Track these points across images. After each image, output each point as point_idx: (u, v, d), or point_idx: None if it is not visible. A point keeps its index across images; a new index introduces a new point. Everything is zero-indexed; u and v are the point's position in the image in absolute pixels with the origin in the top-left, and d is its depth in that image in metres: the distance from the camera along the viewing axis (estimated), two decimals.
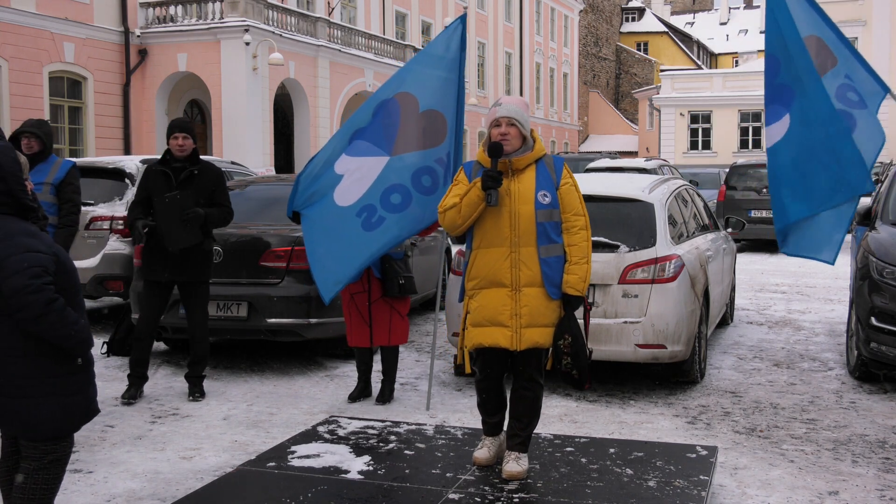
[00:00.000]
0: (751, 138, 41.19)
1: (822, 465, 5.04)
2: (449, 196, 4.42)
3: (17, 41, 21.56)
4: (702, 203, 8.56)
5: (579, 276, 4.28)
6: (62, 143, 23.16)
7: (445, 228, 4.51)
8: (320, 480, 4.31)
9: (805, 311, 10.34)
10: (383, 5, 36.39)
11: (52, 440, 3.36)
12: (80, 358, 3.37)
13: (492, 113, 4.39)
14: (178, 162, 6.33)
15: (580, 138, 61.35)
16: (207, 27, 24.96)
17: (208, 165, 6.48)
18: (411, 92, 6.01)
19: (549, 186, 4.32)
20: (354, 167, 5.92)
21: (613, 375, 7.07)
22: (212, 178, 6.39)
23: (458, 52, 6.12)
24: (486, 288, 4.34)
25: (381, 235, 5.82)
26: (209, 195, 6.33)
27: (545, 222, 4.28)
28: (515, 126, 4.32)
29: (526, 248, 4.27)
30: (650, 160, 21.30)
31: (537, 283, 4.28)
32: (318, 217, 5.92)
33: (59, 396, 3.33)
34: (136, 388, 6.38)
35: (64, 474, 3.47)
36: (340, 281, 5.86)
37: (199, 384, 6.52)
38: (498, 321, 4.30)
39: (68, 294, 3.33)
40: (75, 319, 3.29)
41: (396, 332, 6.29)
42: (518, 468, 4.30)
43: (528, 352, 4.33)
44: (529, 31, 51.88)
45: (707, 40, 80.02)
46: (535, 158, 4.38)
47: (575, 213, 4.36)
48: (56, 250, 3.34)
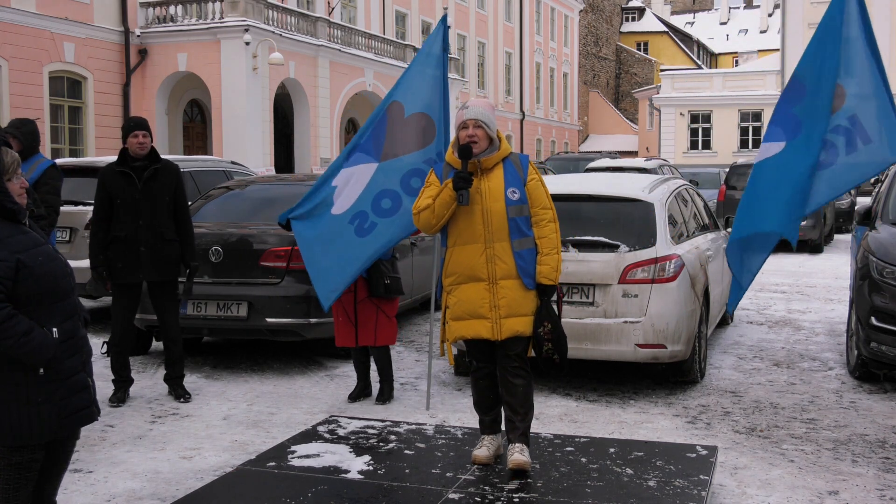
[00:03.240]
0: (751, 138, 41.22)
1: (822, 465, 5.04)
2: (422, 198, 4.60)
3: (17, 41, 21.55)
4: (702, 203, 8.56)
5: (552, 266, 4.48)
6: (62, 143, 23.18)
7: (421, 229, 4.69)
8: (320, 480, 4.31)
9: (805, 311, 10.33)
10: (383, 5, 36.39)
11: (11, 448, 3.25)
12: (41, 368, 3.22)
13: (459, 116, 4.56)
14: (137, 161, 6.26)
15: (580, 138, 61.35)
16: (207, 27, 24.95)
17: (168, 163, 6.42)
18: (398, 100, 6.19)
19: (517, 183, 4.50)
20: (346, 176, 6.08)
21: (613, 375, 7.07)
22: (174, 176, 6.35)
23: (442, 51, 6.28)
24: (464, 283, 4.51)
25: (374, 240, 5.95)
26: (172, 193, 6.30)
27: (516, 217, 4.46)
28: (482, 128, 4.49)
29: (500, 242, 4.45)
30: (650, 160, 21.32)
31: (513, 276, 4.45)
32: (315, 228, 6.04)
33: (21, 405, 3.21)
34: (123, 392, 6.37)
35: (30, 483, 3.34)
36: (337, 288, 5.98)
37: (181, 384, 6.51)
38: (478, 314, 4.47)
39: (36, 302, 3.20)
40: (25, 330, 3.13)
41: (383, 333, 6.29)
42: (524, 457, 4.37)
43: (510, 341, 4.48)
44: (529, 30, 51.87)
45: (707, 40, 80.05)
46: (502, 157, 4.55)
47: (543, 206, 4.53)
48: (23, 256, 3.18)
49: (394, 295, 6.30)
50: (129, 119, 6.45)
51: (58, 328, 3.27)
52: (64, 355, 3.31)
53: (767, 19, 78.10)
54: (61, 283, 3.32)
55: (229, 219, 7.67)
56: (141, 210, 6.20)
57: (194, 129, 28.55)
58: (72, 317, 3.35)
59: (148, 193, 6.22)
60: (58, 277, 3.31)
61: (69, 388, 3.33)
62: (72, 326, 3.35)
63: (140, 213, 6.20)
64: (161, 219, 6.26)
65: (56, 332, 3.26)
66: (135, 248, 6.20)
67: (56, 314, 3.28)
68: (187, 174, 8.19)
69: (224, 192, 8.47)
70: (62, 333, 3.29)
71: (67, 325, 3.32)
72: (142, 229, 6.20)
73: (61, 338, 3.29)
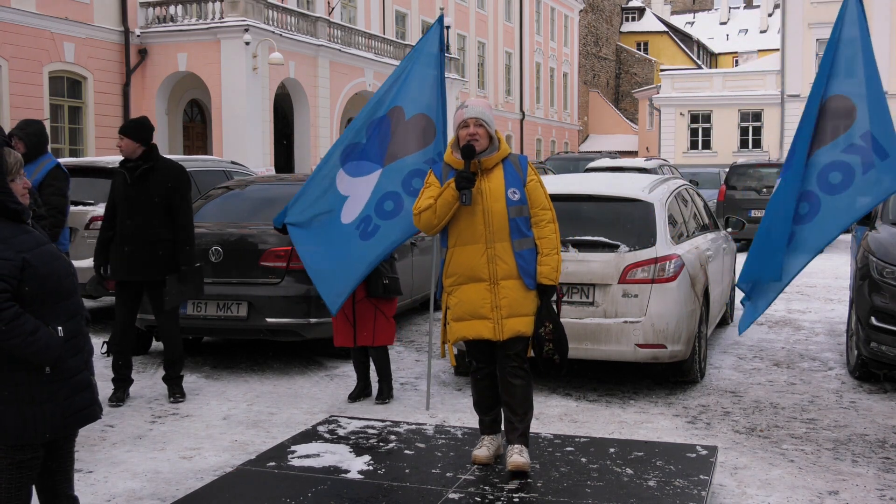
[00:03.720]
0: (751, 138, 41.21)
1: (822, 465, 5.04)
2: (423, 198, 4.58)
3: (17, 41, 21.55)
4: (702, 203, 8.56)
5: (552, 266, 4.48)
6: (62, 142, 23.18)
7: (422, 229, 4.67)
8: (320, 480, 4.31)
9: (805, 311, 10.33)
10: (383, 5, 36.39)
11: (13, 447, 3.25)
12: (48, 367, 3.23)
13: (459, 115, 4.54)
14: (130, 162, 6.31)
15: (580, 138, 61.35)
16: (207, 27, 24.95)
17: (167, 163, 6.40)
18: (399, 104, 6.18)
19: (517, 184, 4.49)
20: (357, 186, 6.08)
21: (613, 375, 7.07)
22: (169, 176, 6.29)
23: (439, 50, 6.28)
24: (465, 283, 4.50)
25: (378, 243, 5.96)
26: (165, 192, 6.24)
27: (516, 218, 4.45)
28: (483, 126, 4.48)
29: (500, 243, 4.44)
30: (650, 160, 21.32)
31: (514, 276, 4.44)
32: (318, 237, 6.04)
33: (24, 404, 3.22)
34: (123, 392, 6.36)
35: (32, 481, 3.34)
36: (343, 292, 5.99)
37: (179, 385, 6.49)
38: (480, 314, 4.46)
39: (40, 301, 3.21)
40: (32, 329, 3.14)
41: (381, 333, 6.29)
42: (523, 459, 4.36)
43: (512, 341, 4.48)
44: (529, 30, 51.88)
45: (707, 40, 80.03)
46: (502, 157, 4.55)
47: (542, 207, 4.52)
48: (28, 255, 3.20)
49: (392, 295, 6.30)
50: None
51: (62, 327, 3.29)
52: (67, 354, 3.33)
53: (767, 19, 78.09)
54: (65, 282, 3.34)
55: (229, 219, 7.67)
56: (130, 209, 6.22)
57: (194, 129, 28.56)
58: (75, 316, 3.37)
59: (137, 193, 6.21)
60: (62, 277, 3.33)
61: (72, 388, 3.34)
62: (75, 325, 3.37)
63: (129, 213, 6.23)
64: (150, 219, 6.21)
65: (61, 330, 3.28)
66: (121, 247, 6.24)
67: (60, 313, 3.30)
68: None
69: (224, 192, 8.47)
70: (66, 332, 3.31)
71: (71, 325, 3.34)
72: (129, 228, 6.21)
73: (65, 336, 3.31)
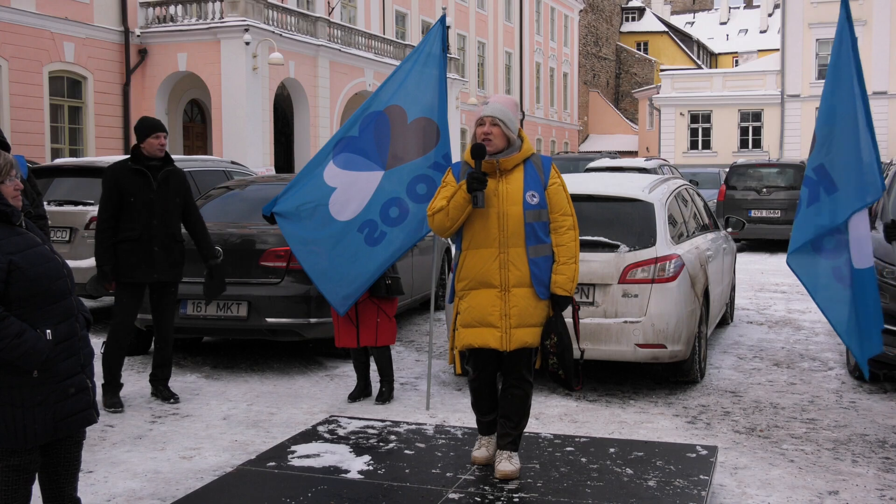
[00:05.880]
0: (751, 138, 41.22)
1: (822, 465, 5.04)
2: (437, 199, 4.38)
3: (17, 41, 21.54)
4: (702, 203, 8.56)
5: (567, 276, 4.27)
6: (62, 142, 23.17)
7: (435, 231, 4.48)
8: (320, 480, 4.31)
9: (805, 311, 10.33)
10: (383, 5, 36.38)
11: (6, 451, 3.25)
12: (35, 371, 3.21)
13: (477, 112, 4.37)
14: (153, 161, 6.26)
15: (580, 138, 61.34)
16: (207, 27, 24.94)
17: (177, 167, 6.46)
18: (399, 104, 6.13)
19: (537, 186, 4.28)
20: (349, 181, 6.03)
21: (613, 375, 7.07)
22: (184, 179, 6.41)
23: (441, 51, 6.26)
24: (476, 289, 4.32)
25: (385, 249, 5.99)
26: (183, 195, 6.34)
27: (534, 223, 4.25)
28: (499, 125, 4.27)
29: (515, 248, 4.25)
30: (650, 160, 21.30)
31: (526, 284, 4.26)
32: (307, 229, 6.02)
33: (14, 407, 3.21)
34: (115, 396, 6.22)
35: (29, 483, 3.33)
36: (351, 296, 6.01)
37: (167, 386, 6.46)
38: (487, 322, 4.29)
39: (28, 303, 3.19)
40: (17, 332, 3.12)
41: (383, 333, 6.30)
42: (511, 467, 4.30)
43: (518, 352, 4.33)
44: (529, 30, 51.87)
45: (707, 40, 79.99)
46: (523, 158, 4.33)
47: (563, 213, 4.33)
48: (16, 257, 3.18)
49: (394, 295, 6.31)
50: (146, 119, 6.36)
51: (52, 330, 3.26)
52: (59, 357, 3.29)
53: (767, 19, 78.05)
54: (56, 284, 3.31)
55: (229, 219, 7.66)
56: (155, 210, 6.20)
57: (194, 128, 28.55)
58: (67, 319, 3.33)
59: (162, 194, 6.22)
60: (52, 279, 3.29)
61: (65, 391, 3.31)
62: (68, 329, 3.32)
63: (154, 213, 6.19)
64: (173, 220, 6.30)
65: (50, 333, 3.24)
66: (149, 247, 6.18)
67: (51, 316, 3.26)
68: (187, 174, 8.19)
69: (224, 192, 8.47)
70: (57, 335, 3.27)
71: (63, 328, 3.30)
72: (156, 229, 6.20)
73: (56, 340, 3.27)
